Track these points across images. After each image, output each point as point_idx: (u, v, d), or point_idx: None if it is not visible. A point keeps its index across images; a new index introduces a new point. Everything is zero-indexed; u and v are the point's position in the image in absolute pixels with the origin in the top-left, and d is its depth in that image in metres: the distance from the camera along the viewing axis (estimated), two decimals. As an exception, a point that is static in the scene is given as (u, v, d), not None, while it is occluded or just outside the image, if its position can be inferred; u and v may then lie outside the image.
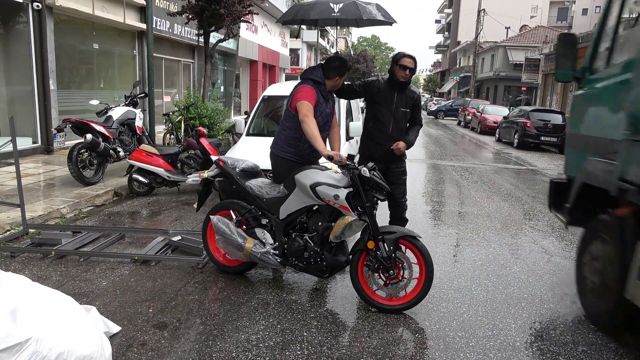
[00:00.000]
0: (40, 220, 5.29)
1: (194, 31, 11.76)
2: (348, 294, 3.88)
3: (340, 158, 3.40)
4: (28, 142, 8.94)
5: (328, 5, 4.18)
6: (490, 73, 41.21)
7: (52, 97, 9.17)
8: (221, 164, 3.93)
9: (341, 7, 4.14)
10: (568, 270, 4.66)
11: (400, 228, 3.64)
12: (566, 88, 23.63)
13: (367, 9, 4.24)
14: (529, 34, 40.04)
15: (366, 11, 4.21)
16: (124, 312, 3.35)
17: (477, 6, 35.97)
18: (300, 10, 4.38)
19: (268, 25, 24.80)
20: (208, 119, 9.88)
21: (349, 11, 4.14)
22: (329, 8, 4.14)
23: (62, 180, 7.05)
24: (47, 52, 8.90)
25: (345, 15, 4.15)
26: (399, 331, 3.34)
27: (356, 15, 4.17)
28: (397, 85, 4.17)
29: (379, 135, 4.24)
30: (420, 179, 9.38)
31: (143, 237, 4.97)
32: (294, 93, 3.79)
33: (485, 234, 5.74)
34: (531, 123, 15.82)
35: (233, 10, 9.97)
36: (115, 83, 12.07)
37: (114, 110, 7.61)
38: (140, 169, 6.66)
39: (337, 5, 4.15)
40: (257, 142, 5.98)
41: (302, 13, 4.33)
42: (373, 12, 4.27)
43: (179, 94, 15.28)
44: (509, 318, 3.58)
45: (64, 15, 9.62)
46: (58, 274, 3.96)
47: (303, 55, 40.73)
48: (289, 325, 3.29)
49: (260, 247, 3.68)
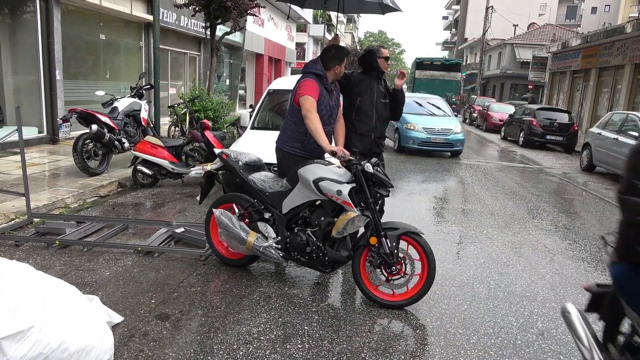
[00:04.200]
0: (44, 209, 5.31)
1: (200, 23, 11.73)
2: (350, 289, 3.89)
3: (343, 153, 3.40)
4: (34, 131, 8.97)
5: None
6: (497, 71, 41.00)
7: (58, 87, 9.19)
8: (224, 157, 3.93)
9: None
10: (570, 270, 4.65)
11: (403, 224, 3.63)
12: (573, 87, 23.47)
13: None
14: (537, 32, 39.79)
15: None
16: (127, 302, 3.37)
17: (484, 3, 35.72)
18: None
19: (275, 19, 24.72)
20: (213, 111, 9.87)
21: None
22: None
23: (67, 170, 7.08)
24: (54, 42, 8.91)
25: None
26: (400, 327, 3.34)
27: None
28: (378, 78, 4.26)
29: (364, 128, 4.25)
30: (424, 175, 9.36)
31: (146, 229, 4.99)
32: (296, 87, 3.78)
33: (489, 232, 5.73)
34: (537, 121, 15.73)
35: (240, 3, 9.94)
36: (121, 74, 12.07)
37: (119, 101, 7.62)
38: (145, 161, 6.68)
39: None
40: (262, 135, 5.97)
41: None
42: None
43: (185, 87, 15.28)
44: (511, 316, 3.58)
45: (71, 6, 9.63)
46: (62, 263, 3.99)
47: (309, 49, 40.58)
48: (290, 319, 3.30)
49: (263, 241, 3.69)
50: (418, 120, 12.05)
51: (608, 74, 19.58)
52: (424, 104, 13.10)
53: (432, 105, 13.09)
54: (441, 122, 12.20)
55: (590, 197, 8.51)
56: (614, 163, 10.14)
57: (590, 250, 5.34)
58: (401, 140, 12.08)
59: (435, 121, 12.19)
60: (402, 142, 12.06)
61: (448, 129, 11.93)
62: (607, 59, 19.19)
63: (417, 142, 11.81)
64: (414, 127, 11.90)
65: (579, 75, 22.61)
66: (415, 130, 11.86)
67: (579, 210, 7.41)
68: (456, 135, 11.93)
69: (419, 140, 11.78)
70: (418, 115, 12.33)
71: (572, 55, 22.96)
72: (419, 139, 11.78)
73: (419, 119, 12.16)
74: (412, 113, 12.18)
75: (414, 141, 11.82)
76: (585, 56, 21.26)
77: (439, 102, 13.51)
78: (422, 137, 11.77)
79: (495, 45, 41.46)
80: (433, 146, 11.93)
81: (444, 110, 13.08)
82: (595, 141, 11.19)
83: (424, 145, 11.88)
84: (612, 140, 10.39)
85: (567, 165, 12.58)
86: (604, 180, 10.45)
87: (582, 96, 22.12)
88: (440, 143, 11.90)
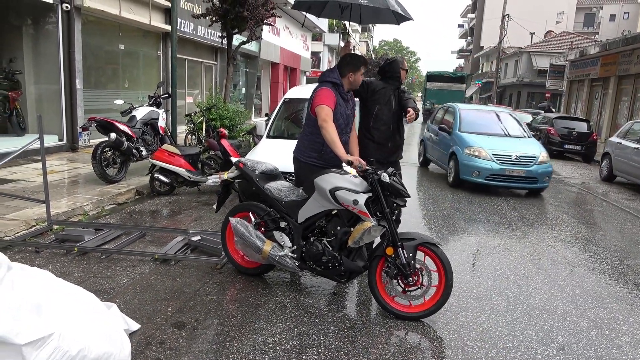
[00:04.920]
0: (64, 216, 5.40)
1: (217, 33, 11.87)
2: (366, 299, 3.86)
3: (359, 163, 3.39)
4: (54, 139, 9.15)
5: None
6: (513, 79, 40.66)
7: (78, 96, 9.38)
8: (241, 165, 3.95)
9: None
10: (591, 282, 4.55)
11: (419, 234, 3.61)
12: (592, 95, 23.15)
13: (391, 1, 4.21)
14: (554, 40, 39.42)
15: (390, 3, 4.19)
16: (144, 310, 3.39)
17: (501, 11, 35.52)
18: None
19: (290, 28, 24.93)
20: (229, 120, 9.95)
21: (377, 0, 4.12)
22: None
23: (86, 177, 7.19)
24: (75, 52, 9.10)
25: (372, 3, 4.12)
26: (416, 339, 3.30)
27: (383, 4, 4.14)
28: (397, 87, 4.33)
29: (381, 136, 4.29)
30: (441, 184, 9.28)
31: (163, 236, 5.03)
32: (313, 97, 3.78)
33: (507, 243, 5.65)
34: (555, 130, 15.52)
35: (256, 13, 10.05)
36: (139, 83, 12.27)
37: (137, 110, 7.74)
38: (162, 169, 6.75)
39: None
40: (278, 144, 6.00)
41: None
42: (395, 5, 4.26)
43: (201, 95, 15.45)
44: (530, 329, 3.51)
45: (92, 16, 9.84)
46: (80, 270, 4.04)
47: (324, 58, 40.79)
48: (306, 329, 3.28)
49: (279, 250, 3.69)
50: (485, 143, 8.73)
51: (628, 82, 19.29)
52: (491, 119, 9.86)
53: (501, 121, 9.83)
54: (519, 145, 8.85)
55: (611, 207, 8.35)
56: (634, 173, 9.95)
57: (612, 262, 5.22)
58: (460, 170, 8.67)
59: (509, 144, 8.87)
60: (461, 174, 8.65)
61: (531, 157, 8.47)
62: (626, 67, 18.91)
63: (484, 174, 8.38)
64: (479, 152, 8.52)
65: (598, 83, 22.32)
66: (482, 157, 8.46)
67: (599, 221, 7.27)
68: (542, 166, 8.49)
69: (488, 172, 8.36)
70: (484, 136, 9.08)
71: (590, 63, 22.68)
72: (488, 171, 8.35)
73: (486, 141, 8.87)
74: (475, 132, 9.21)
75: (480, 173, 8.40)
76: (604, 64, 20.98)
77: (509, 117, 10.10)
78: (493, 168, 8.34)
79: (512, 54, 41.16)
80: (508, 181, 8.44)
81: (518, 128, 9.74)
82: (615, 150, 11.00)
83: (495, 179, 8.41)
84: (632, 149, 10.19)
85: (587, 175, 12.37)
86: (624, 190, 10.25)
87: (601, 104, 21.80)
88: (519, 177, 8.41)
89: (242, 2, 9.74)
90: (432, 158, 10.84)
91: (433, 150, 10.61)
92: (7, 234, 4.67)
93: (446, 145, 9.53)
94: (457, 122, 9.65)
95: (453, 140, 9.26)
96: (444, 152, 9.58)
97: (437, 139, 10.26)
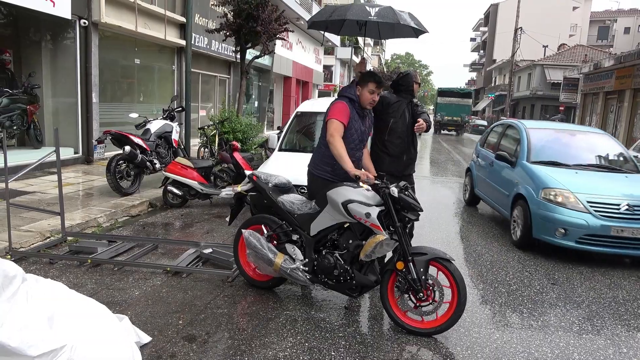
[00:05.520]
0: (78, 228, 5.46)
1: (230, 48, 12.04)
2: (377, 314, 3.82)
3: (367, 178, 3.39)
4: (70, 152, 9.29)
5: (364, 8, 4.19)
6: (526, 92, 40.46)
7: (94, 109, 9.53)
8: (254, 178, 3.97)
9: (377, 11, 4.15)
10: (608, 298, 4.46)
11: (432, 249, 3.57)
12: (607, 108, 22.91)
13: (402, 16, 4.24)
14: (568, 53, 39.21)
15: (402, 17, 4.22)
16: (155, 322, 3.39)
17: (513, 24, 35.46)
18: (336, 11, 4.37)
19: (302, 42, 25.15)
20: (242, 133, 10.03)
21: (386, 15, 4.13)
22: (366, 11, 4.14)
23: (100, 190, 7.28)
24: (91, 66, 9.28)
25: (382, 19, 4.15)
26: (429, 356, 3.25)
27: (393, 19, 4.16)
28: (410, 101, 4.40)
29: (396, 149, 4.33)
30: (453, 196, 9.21)
31: (175, 249, 5.06)
32: (328, 110, 3.81)
33: (521, 257, 5.56)
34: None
35: (269, 28, 10.18)
36: (154, 97, 12.45)
37: (152, 123, 7.84)
38: (175, 181, 6.81)
39: (374, 9, 4.16)
40: (290, 157, 6.02)
41: (338, 13, 4.32)
42: (407, 19, 4.28)
43: (214, 109, 15.61)
44: (545, 347, 3.44)
45: (109, 32, 10.04)
46: (93, 282, 4.06)
47: (336, 71, 41.03)
48: (317, 344, 3.25)
49: (290, 263, 3.68)
50: (574, 182, 5.63)
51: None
52: (578, 145, 6.78)
53: (594, 147, 6.69)
54: (629, 186, 5.70)
55: None
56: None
57: (629, 278, 5.11)
58: (533, 225, 5.61)
59: (614, 185, 5.70)
60: (535, 231, 5.60)
61: None
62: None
63: (575, 234, 5.31)
64: (565, 198, 5.45)
65: (613, 96, 22.08)
66: (570, 205, 5.39)
67: None
68: None
69: (583, 229, 5.28)
70: (570, 170, 5.98)
71: (605, 76, 22.47)
72: (583, 227, 5.27)
73: (575, 178, 5.76)
74: (555, 163, 6.16)
75: (569, 232, 5.33)
76: (619, 77, 20.77)
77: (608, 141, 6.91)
78: (590, 225, 5.25)
79: (525, 67, 41.00)
80: (615, 245, 5.30)
81: (624, 157, 6.60)
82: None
83: (594, 242, 5.32)
84: None
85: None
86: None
87: (616, 118, 21.54)
88: (635, 239, 5.26)
89: (255, 17, 9.88)
90: (483, 197, 7.65)
91: (486, 186, 7.45)
92: (23, 245, 4.74)
93: (508, 183, 6.47)
94: (524, 147, 6.47)
95: (519, 176, 6.19)
96: (505, 193, 6.50)
97: (493, 170, 7.21)
